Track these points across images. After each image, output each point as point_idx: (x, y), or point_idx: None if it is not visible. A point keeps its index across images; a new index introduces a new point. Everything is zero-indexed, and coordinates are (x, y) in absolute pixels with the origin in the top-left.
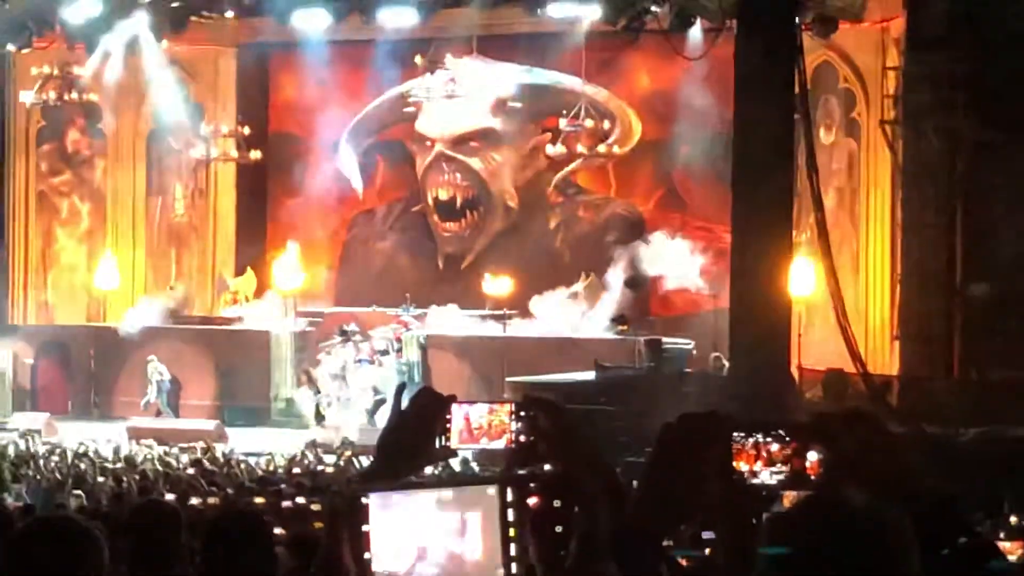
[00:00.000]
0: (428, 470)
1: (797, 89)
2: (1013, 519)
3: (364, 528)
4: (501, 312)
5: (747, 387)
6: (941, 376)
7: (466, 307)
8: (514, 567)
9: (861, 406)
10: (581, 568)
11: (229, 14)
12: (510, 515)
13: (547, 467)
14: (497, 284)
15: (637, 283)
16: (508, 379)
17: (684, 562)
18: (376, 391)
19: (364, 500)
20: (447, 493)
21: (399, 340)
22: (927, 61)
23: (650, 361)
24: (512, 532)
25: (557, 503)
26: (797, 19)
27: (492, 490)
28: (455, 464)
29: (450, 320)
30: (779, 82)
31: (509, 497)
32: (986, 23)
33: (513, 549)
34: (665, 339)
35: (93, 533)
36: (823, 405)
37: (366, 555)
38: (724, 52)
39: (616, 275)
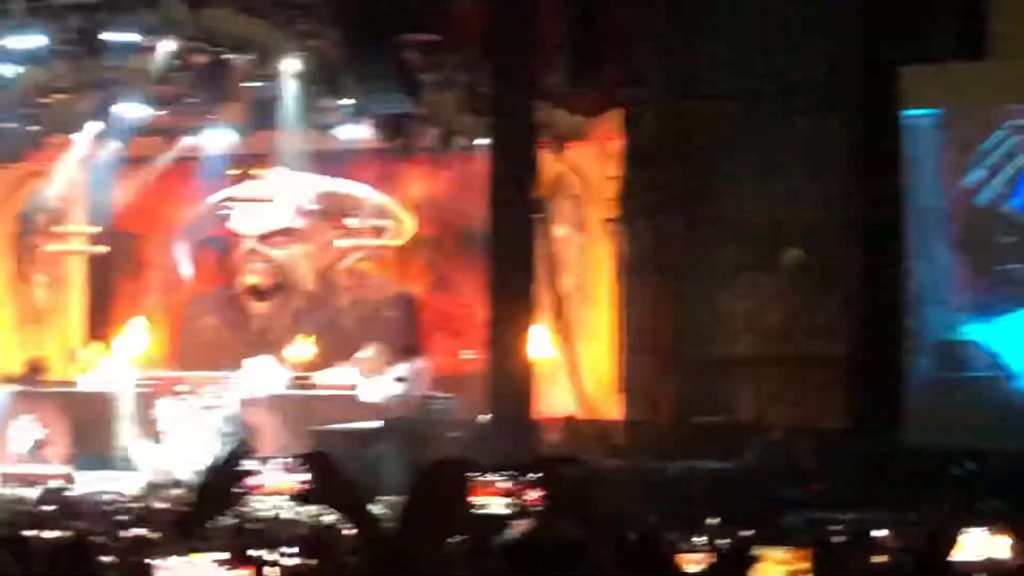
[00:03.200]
0: None
1: (537, 194)
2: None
3: None
4: (307, 375)
5: (499, 433)
6: (655, 421)
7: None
8: None
9: (577, 454)
10: None
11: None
12: None
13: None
14: (298, 352)
15: (411, 350)
16: (309, 428)
17: None
18: (203, 440)
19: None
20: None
21: (222, 397)
22: (639, 171)
23: (423, 412)
24: None
25: None
26: (536, 139)
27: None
28: None
29: (265, 375)
30: (522, 189)
31: None
32: (685, 141)
33: None
34: (436, 394)
35: None
36: (561, 446)
37: None
38: (481, 165)
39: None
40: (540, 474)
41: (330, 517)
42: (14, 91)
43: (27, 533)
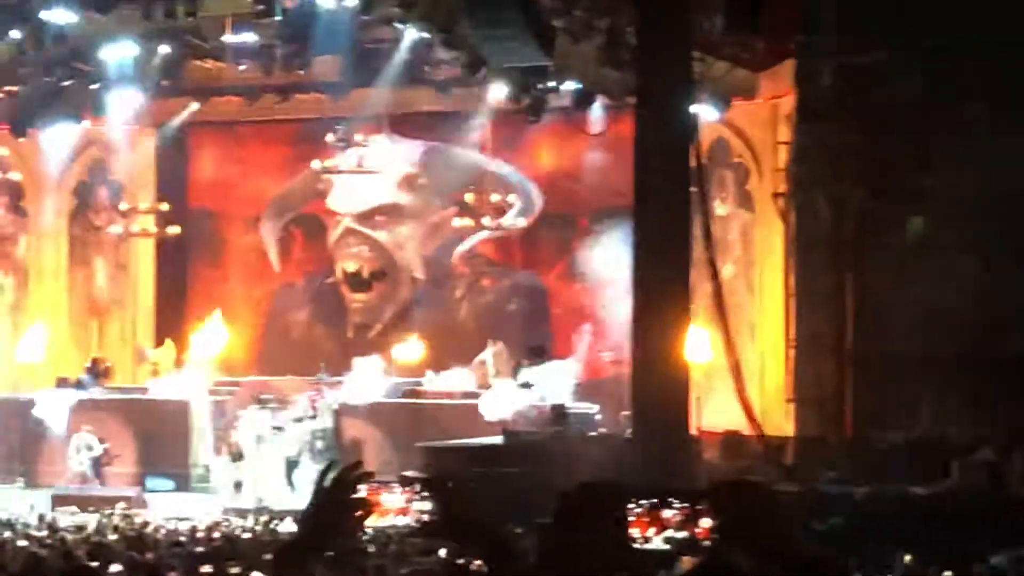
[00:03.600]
0: None
1: (693, 163)
2: None
3: None
4: (416, 380)
5: (647, 450)
6: (833, 436)
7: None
8: None
9: (748, 476)
10: None
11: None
12: None
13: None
14: (405, 351)
15: (542, 351)
16: (418, 444)
17: None
18: (291, 457)
19: None
20: None
21: (314, 407)
22: (816, 135)
23: (555, 425)
24: None
25: None
26: (693, 96)
27: None
28: None
29: (366, 379)
30: (676, 157)
31: None
32: (869, 99)
33: None
34: (572, 403)
35: None
36: (721, 466)
37: None
38: (624, 128)
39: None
40: (709, 502)
41: (443, 549)
42: (70, 41)
43: (89, 565)
